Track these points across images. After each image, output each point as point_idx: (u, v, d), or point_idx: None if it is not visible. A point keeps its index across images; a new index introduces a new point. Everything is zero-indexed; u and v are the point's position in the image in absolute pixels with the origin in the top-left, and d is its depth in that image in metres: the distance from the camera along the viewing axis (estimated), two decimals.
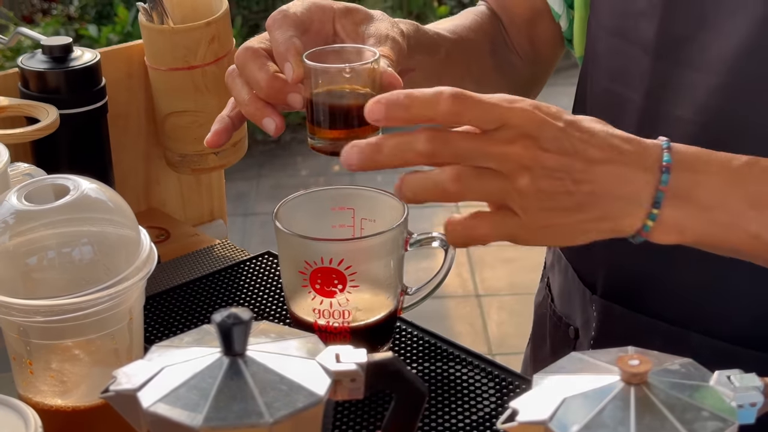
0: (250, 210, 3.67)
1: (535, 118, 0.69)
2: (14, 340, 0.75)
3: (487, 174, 0.69)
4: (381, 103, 0.69)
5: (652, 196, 0.70)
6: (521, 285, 3.04)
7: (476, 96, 0.69)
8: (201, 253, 1.12)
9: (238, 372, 0.60)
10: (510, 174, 0.69)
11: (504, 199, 0.70)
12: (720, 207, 0.71)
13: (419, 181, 0.70)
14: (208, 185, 1.27)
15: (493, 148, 0.69)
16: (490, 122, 0.69)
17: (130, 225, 0.78)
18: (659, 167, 0.70)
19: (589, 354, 0.62)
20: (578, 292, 0.98)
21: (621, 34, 0.90)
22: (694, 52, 0.83)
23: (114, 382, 0.61)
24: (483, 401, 0.84)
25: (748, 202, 0.71)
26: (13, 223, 0.75)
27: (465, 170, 0.69)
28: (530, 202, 0.69)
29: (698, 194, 0.70)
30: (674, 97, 0.85)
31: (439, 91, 0.69)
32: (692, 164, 0.71)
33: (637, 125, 0.88)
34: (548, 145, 0.69)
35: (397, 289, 0.87)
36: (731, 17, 0.81)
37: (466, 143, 0.69)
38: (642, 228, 0.71)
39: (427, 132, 0.69)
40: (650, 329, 0.90)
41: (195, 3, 1.12)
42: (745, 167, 0.71)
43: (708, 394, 0.58)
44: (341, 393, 0.62)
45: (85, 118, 1.07)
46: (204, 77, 1.09)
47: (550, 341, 1.05)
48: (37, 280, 0.76)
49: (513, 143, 0.69)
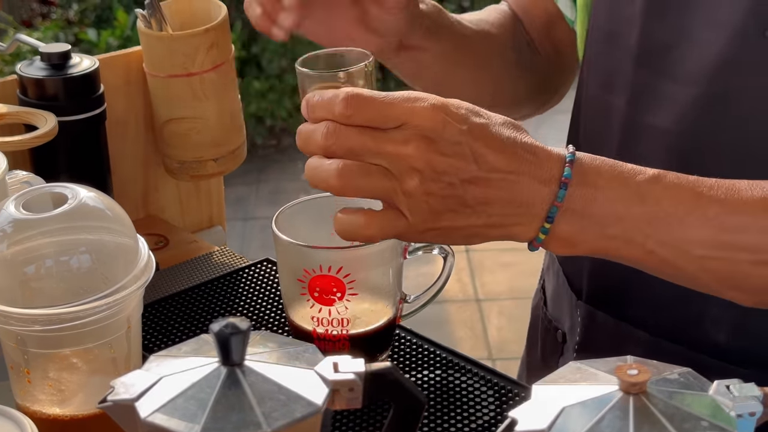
0: (250, 214, 3.67)
1: (436, 119, 0.69)
2: (12, 349, 0.75)
3: (375, 172, 0.69)
4: (303, 105, 0.71)
5: (546, 209, 0.70)
6: (521, 289, 3.04)
7: (373, 96, 0.69)
8: (200, 260, 1.11)
9: (236, 382, 0.59)
10: (399, 174, 0.69)
11: (391, 198, 0.70)
12: (615, 223, 0.71)
13: (311, 170, 0.71)
14: (207, 192, 1.27)
15: (385, 146, 0.69)
16: (387, 121, 0.69)
17: (128, 233, 0.78)
18: (558, 181, 0.70)
19: (587, 363, 0.62)
20: (566, 297, 0.98)
21: (610, 40, 0.90)
22: (673, 63, 0.83)
23: (112, 392, 0.61)
24: (482, 409, 0.84)
25: (644, 219, 0.71)
26: (11, 231, 0.75)
27: (350, 166, 0.69)
28: (418, 204, 0.69)
29: (594, 210, 0.71)
30: (654, 106, 0.85)
31: (336, 93, 0.70)
32: (593, 179, 0.71)
33: (620, 133, 0.88)
34: (445, 148, 0.69)
35: (396, 297, 0.87)
36: (709, 29, 0.81)
37: (359, 139, 0.69)
38: (535, 238, 0.71)
39: (325, 126, 0.70)
40: (630, 337, 0.90)
41: (193, 10, 1.12)
42: (647, 183, 0.72)
43: (707, 403, 0.57)
44: (339, 402, 0.62)
45: (83, 126, 1.07)
46: (203, 84, 1.09)
47: (541, 344, 1.05)
48: (34, 289, 0.76)
49: (407, 144, 0.69)
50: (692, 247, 0.71)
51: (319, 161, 0.70)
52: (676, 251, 0.71)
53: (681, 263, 0.72)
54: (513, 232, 0.72)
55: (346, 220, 0.72)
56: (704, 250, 0.71)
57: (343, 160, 0.69)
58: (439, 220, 0.70)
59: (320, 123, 0.70)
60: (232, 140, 1.14)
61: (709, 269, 0.72)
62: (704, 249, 0.71)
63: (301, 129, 0.72)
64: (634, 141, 0.86)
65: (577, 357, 0.96)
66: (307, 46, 0.87)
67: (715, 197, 0.71)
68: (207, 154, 1.13)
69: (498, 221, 0.71)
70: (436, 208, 0.70)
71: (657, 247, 0.71)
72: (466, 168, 0.69)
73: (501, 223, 0.71)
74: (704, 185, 0.72)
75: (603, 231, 0.71)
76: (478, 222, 0.71)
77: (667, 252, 0.71)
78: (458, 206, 0.70)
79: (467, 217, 0.70)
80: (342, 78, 0.78)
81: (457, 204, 0.70)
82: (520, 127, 0.73)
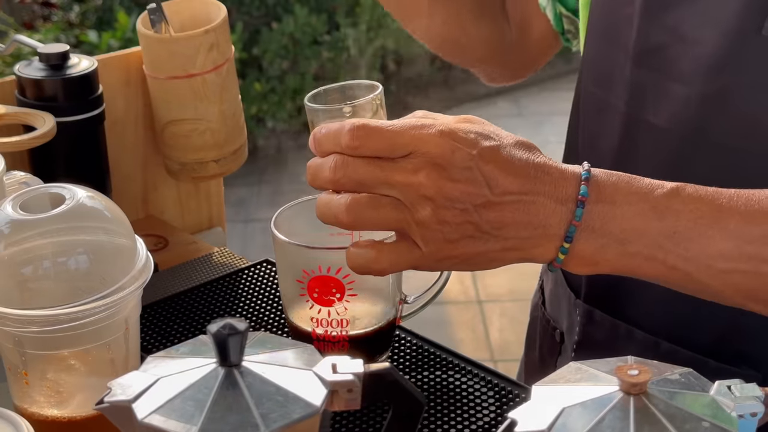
0: (251, 216, 3.67)
1: (445, 146, 0.68)
2: (9, 350, 0.75)
3: (386, 204, 0.68)
4: (311, 140, 0.71)
5: (565, 229, 0.69)
6: (523, 291, 3.04)
7: (379, 125, 0.68)
8: (199, 261, 1.11)
9: (233, 383, 0.59)
10: (411, 204, 0.68)
11: (403, 229, 0.69)
12: (636, 239, 0.70)
13: (323, 207, 0.70)
14: (207, 192, 1.27)
15: (395, 176, 0.68)
16: (395, 150, 0.68)
17: (126, 234, 0.77)
18: (575, 200, 0.69)
19: (588, 363, 0.61)
20: (565, 296, 0.98)
21: (608, 39, 0.90)
22: (671, 61, 0.83)
23: (109, 393, 0.61)
24: (482, 410, 0.83)
25: (664, 234, 0.69)
26: (9, 232, 0.74)
27: (359, 200, 0.68)
28: (432, 234, 0.68)
29: (613, 227, 0.69)
30: (652, 105, 0.85)
31: (341, 124, 0.69)
32: (610, 196, 0.70)
33: (619, 132, 0.88)
34: (457, 174, 0.68)
35: (395, 298, 0.86)
36: (705, 27, 0.80)
37: (367, 171, 0.68)
38: (555, 259, 0.70)
39: (333, 159, 0.69)
40: (628, 336, 0.90)
41: (193, 11, 1.11)
42: (665, 198, 0.70)
43: (708, 404, 0.57)
44: (338, 404, 0.62)
45: (82, 126, 1.06)
46: (203, 85, 1.09)
47: (539, 344, 1.05)
48: (32, 290, 0.75)
49: (417, 172, 0.68)
50: (715, 261, 0.69)
51: (329, 197, 0.70)
52: (698, 265, 0.70)
53: (704, 277, 0.70)
54: (532, 254, 0.70)
55: (357, 254, 0.72)
56: (727, 263, 0.69)
57: (351, 194, 0.68)
58: (455, 248, 0.69)
59: (328, 156, 0.69)
60: (234, 141, 1.14)
61: (733, 283, 0.70)
62: (727, 262, 0.69)
63: (310, 164, 0.71)
64: (633, 139, 0.86)
65: (575, 356, 0.95)
66: (308, 49, 0.87)
67: (735, 209, 0.70)
68: (208, 155, 1.12)
69: (515, 244, 0.70)
70: (451, 236, 0.68)
71: (679, 262, 0.70)
72: (478, 193, 0.68)
73: (519, 246, 0.70)
74: (723, 197, 0.70)
75: (623, 248, 0.70)
76: (495, 247, 0.69)
77: (690, 267, 0.70)
78: (474, 232, 0.69)
79: (484, 242, 0.69)
80: (348, 112, 0.78)
81: (473, 230, 0.69)
82: (533, 146, 0.72)
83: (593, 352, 0.93)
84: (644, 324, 0.89)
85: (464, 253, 0.70)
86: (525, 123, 4.27)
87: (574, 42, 1.04)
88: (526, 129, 4.12)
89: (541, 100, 4.48)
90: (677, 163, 0.83)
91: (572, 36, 1.04)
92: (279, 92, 4.04)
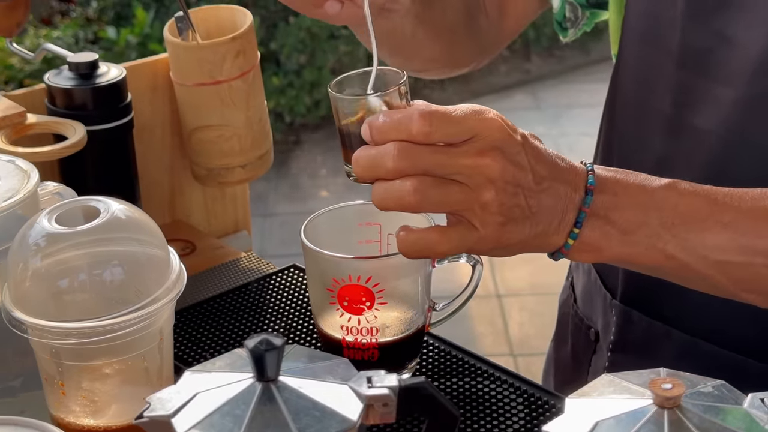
0: (270, 211, 3.68)
1: (503, 130, 0.71)
2: (46, 361, 0.76)
3: (450, 186, 0.70)
4: (366, 130, 0.71)
5: (575, 215, 0.72)
6: (542, 285, 3.04)
7: (445, 111, 0.70)
8: (226, 266, 1.12)
9: (271, 398, 0.60)
10: (476, 187, 0.70)
11: (465, 211, 0.71)
12: (636, 229, 0.73)
13: (382, 193, 0.71)
14: (233, 196, 1.28)
15: (461, 160, 0.70)
16: (462, 135, 0.70)
17: (160, 245, 0.78)
18: (584, 188, 0.73)
19: (621, 376, 0.62)
20: (600, 296, 0.98)
21: (650, 41, 0.89)
22: (716, 64, 0.83)
23: (148, 408, 0.62)
24: (512, 417, 0.84)
25: (664, 225, 0.73)
26: (44, 245, 0.75)
27: (425, 181, 0.70)
28: (492, 216, 0.71)
29: (616, 216, 0.73)
30: (697, 108, 0.85)
31: (406, 113, 0.70)
32: (611, 187, 0.73)
33: (662, 134, 0.88)
34: (512, 157, 0.70)
35: (424, 305, 0.87)
36: (749, 31, 0.81)
37: (434, 158, 0.69)
38: (564, 245, 0.73)
39: (396, 148, 0.69)
40: (666, 337, 0.90)
41: (219, 18, 1.12)
42: (662, 190, 0.74)
43: (742, 417, 0.58)
44: (373, 417, 0.63)
45: (111, 134, 1.07)
46: (230, 92, 1.10)
47: (572, 342, 1.05)
48: (67, 302, 0.76)
49: (483, 155, 0.70)
50: (710, 252, 0.73)
51: (387, 183, 0.70)
52: (695, 256, 0.73)
53: (700, 267, 0.73)
54: (549, 241, 0.73)
55: (417, 239, 0.72)
56: (722, 255, 0.73)
57: (417, 176, 0.69)
58: (505, 231, 0.71)
59: (386, 145, 0.70)
60: (260, 146, 1.15)
61: (727, 273, 0.74)
62: (721, 253, 0.73)
63: (360, 155, 0.71)
64: (677, 142, 0.86)
65: (611, 356, 0.96)
66: (325, 43, 0.86)
67: (730, 204, 0.73)
68: (235, 161, 1.13)
69: (543, 230, 0.72)
70: (504, 219, 0.71)
71: (677, 252, 0.73)
72: (525, 177, 0.71)
73: (544, 231, 0.73)
74: (718, 193, 0.74)
75: (625, 237, 0.73)
76: (531, 232, 0.72)
77: (687, 257, 0.73)
78: (519, 215, 0.71)
79: (524, 227, 0.72)
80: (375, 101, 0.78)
81: (519, 213, 0.71)
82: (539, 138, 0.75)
83: (629, 352, 0.94)
84: (682, 324, 0.89)
85: (509, 238, 0.72)
86: (542, 116, 4.25)
87: (570, 31, 1.03)
88: (544, 121, 4.11)
89: (558, 92, 4.46)
90: (720, 165, 0.83)
91: (571, 24, 1.03)
92: (296, 86, 4.05)
